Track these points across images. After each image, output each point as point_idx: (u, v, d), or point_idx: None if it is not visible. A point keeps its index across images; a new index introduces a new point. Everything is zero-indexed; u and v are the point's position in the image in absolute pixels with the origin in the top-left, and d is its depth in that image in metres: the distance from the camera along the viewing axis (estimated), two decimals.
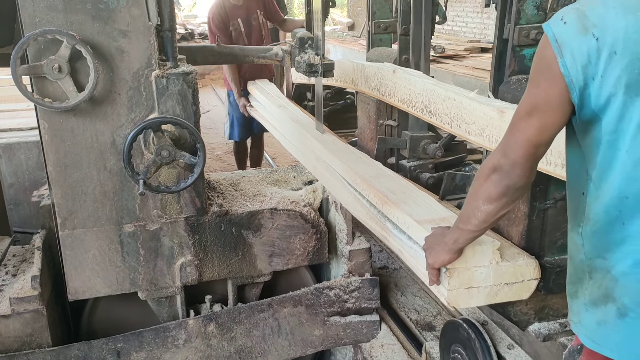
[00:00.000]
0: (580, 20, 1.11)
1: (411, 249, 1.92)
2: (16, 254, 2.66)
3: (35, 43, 2.06)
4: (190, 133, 2.24)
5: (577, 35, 1.10)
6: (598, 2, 1.12)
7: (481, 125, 2.01)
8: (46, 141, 2.20)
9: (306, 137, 2.90)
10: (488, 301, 1.79)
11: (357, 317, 2.70)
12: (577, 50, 1.10)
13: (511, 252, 1.84)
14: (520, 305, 1.99)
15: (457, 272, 1.68)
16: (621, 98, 1.09)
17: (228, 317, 2.56)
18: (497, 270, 1.75)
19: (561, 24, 1.13)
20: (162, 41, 2.28)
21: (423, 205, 2.03)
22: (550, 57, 1.14)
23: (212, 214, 2.49)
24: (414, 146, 2.71)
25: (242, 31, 4.29)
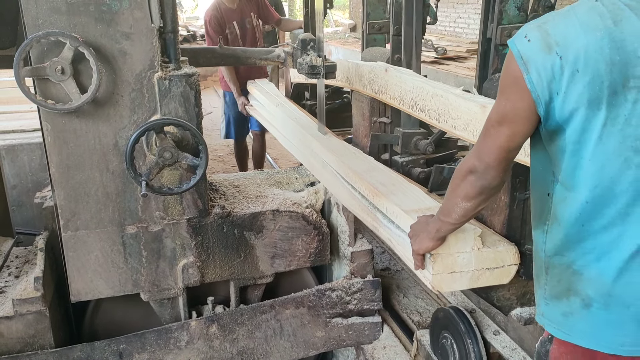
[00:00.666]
0: (543, 38, 1.17)
1: (399, 237, 2.00)
2: (19, 255, 2.67)
3: (38, 45, 2.06)
4: (192, 135, 2.25)
5: (541, 53, 1.17)
6: (560, 21, 1.18)
7: (466, 120, 2.09)
8: (49, 143, 2.20)
9: (303, 134, 2.97)
10: (470, 285, 1.88)
11: (359, 318, 2.70)
12: (542, 67, 1.16)
13: (492, 239, 1.93)
14: (503, 291, 2.05)
15: (441, 258, 1.77)
16: (584, 112, 1.16)
17: (230, 318, 2.56)
18: (479, 256, 1.83)
19: (525, 42, 1.19)
20: (165, 43, 2.28)
21: (411, 196, 2.12)
22: (517, 72, 1.20)
23: (214, 215, 2.49)
24: (406, 142, 2.78)
25: (237, 34, 4.40)
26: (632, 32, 1.13)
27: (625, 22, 1.13)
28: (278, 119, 3.52)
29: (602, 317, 1.27)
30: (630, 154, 1.18)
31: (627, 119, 1.15)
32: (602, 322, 1.27)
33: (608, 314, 1.26)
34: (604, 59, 1.13)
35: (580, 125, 1.18)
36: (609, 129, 1.17)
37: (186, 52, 2.72)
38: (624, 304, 1.25)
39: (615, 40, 1.13)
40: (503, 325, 2.22)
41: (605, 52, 1.13)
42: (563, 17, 1.19)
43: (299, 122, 3.19)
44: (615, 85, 1.14)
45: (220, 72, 4.55)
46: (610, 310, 1.26)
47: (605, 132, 1.17)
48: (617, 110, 1.15)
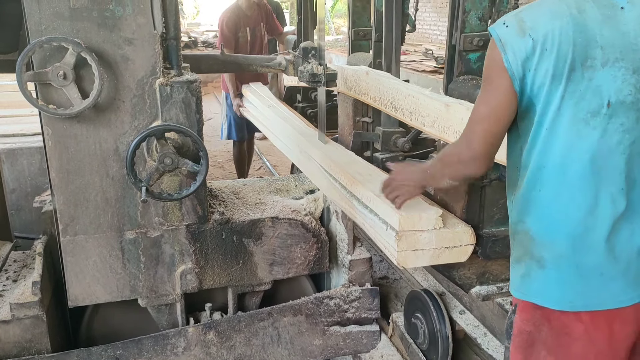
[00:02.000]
0: (519, 24, 1.35)
1: (371, 220, 2.21)
2: (17, 259, 2.66)
3: (41, 50, 2.07)
4: (193, 141, 2.25)
5: (517, 37, 1.34)
6: (533, 10, 1.37)
7: (433, 118, 2.30)
8: (50, 147, 2.21)
9: (292, 132, 3.21)
10: (431, 262, 2.08)
11: (357, 327, 2.70)
12: (517, 48, 1.33)
13: (452, 222, 2.13)
14: (464, 270, 2.27)
15: (405, 236, 1.99)
16: (548, 86, 1.33)
17: (228, 325, 2.56)
18: (439, 235, 2.03)
19: (503, 27, 1.37)
20: (167, 49, 2.29)
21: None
22: (497, 54, 1.36)
23: (213, 221, 2.49)
24: (386, 140, 2.97)
25: (248, 39, 4.64)
26: (593, 19, 1.31)
27: (588, 11, 1.32)
28: (269, 119, 3.74)
29: (554, 277, 1.40)
30: (581, 125, 1.33)
31: (582, 93, 1.32)
32: (554, 281, 1.41)
33: (559, 274, 1.40)
34: (567, 40, 1.30)
35: (545, 98, 1.34)
36: (567, 101, 1.32)
37: (188, 59, 2.73)
38: (573, 265, 1.39)
39: (579, 25, 1.30)
40: (468, 305, 2.41)
41: (569, 35, 1.30)
42: (536, 6, 1.37)
43: (289, 122, 3.40)
44: (575, 63, 1.30)
45: (223, 75, 4.73)
46: (561, 270, 1.40)
47: (563, 105, 1.33)
48: (574, 85, 1.31)
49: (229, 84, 4.56)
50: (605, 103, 1.31)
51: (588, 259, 1.38)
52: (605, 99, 1.31)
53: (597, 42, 1.30)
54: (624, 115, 1.32)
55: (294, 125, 3.32)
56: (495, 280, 2.24)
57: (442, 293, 2.58)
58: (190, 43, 11.06)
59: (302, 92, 4.43)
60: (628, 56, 1.31)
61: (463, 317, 2.42)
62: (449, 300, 2.51)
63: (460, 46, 2.37)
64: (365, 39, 3.81)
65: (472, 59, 2.41)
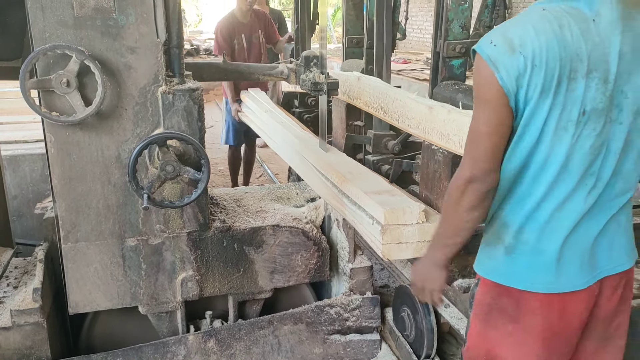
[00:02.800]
0: (507, 42, 1.39)
1: (359, 216, 2.32)
2: (18, 266, 2.66)
3: (44, 58, 2.09)
4: (195, 149, 2.26)
5: (507, 54, 1.39)
6: (518, 27, 1.42)
7: (418, 120, 2.46)
8: (52, 154, 2.22)
9: (287, 135, 3.36)
10: (415, 254, 2.17)
11: (357, 335, 2.69)
12: (509, 66, 1.38)
13: (434, 217, 2.23)
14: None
15: (390, 230, 2.10)
16: (536, 100, 1.40)
17: (228, 333, 2.55)
18: (422, 230, 2.14)
19: (492, 47, 1.41)
20: (170, 57, 2.31)
21: (372, 182, 2.47)
22: (490, 74, 1.41)
23: (214, 229, 2.49)
24: (377, 143, 3.13)
25: (244, 47, 4.78)
26: (572, 34, 1.38)
27: (567, 26, 1.39)
28: (266, 124, 3.90)
29: (519, 261, 1.54)
30: (562, 132, 1.43)
31: (565, 104, 1.41)
32: (518, 265, 1.54)
33: (523, 259, 1.53)
34: (554, 56, 1.37)
35: (531, 109, 1.42)
36: (553, 112, 1.41)
37: (190, 67, 2.74)
38: (536, 252, 1.52)
39: (562, 41, 1.38)
40: (453, 299, 2.53)
41: (555, 51, 1.37)
42: (520, 24, 1.42)
43: (284, 125, 3.56)
44: (561, 77, 1.38)
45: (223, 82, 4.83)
46: (525, 256, 1.53)
47: (550, 115, 1.42)
48: (560, 97, 1.40)
49: (227, 89, 4.70)
50: (582, 111, 1.42)
51: (550, 247, 1.51)
52: (582, 108, 1.41)
53: (578, 55, 1.39)
54: (596, 121, 1.43)
55: (289, 129, 3.45)
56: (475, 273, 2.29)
57: None
58: (193, 51, 11.09)
59: (299, 98, 4.59)
60: (600, 67, 1.40)
61: (448, 310, 2.53)
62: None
63: (443, 53, 2.52)
64: (358, 46, 3.95)
65: (455, 65, 2.58)
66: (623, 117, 1.46)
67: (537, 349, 1.57)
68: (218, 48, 4.77)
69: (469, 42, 2.51)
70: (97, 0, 2.11)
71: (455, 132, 2.23)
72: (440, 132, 2.31)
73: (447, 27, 2.49)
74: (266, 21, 4.94)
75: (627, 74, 1.43)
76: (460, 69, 2.61)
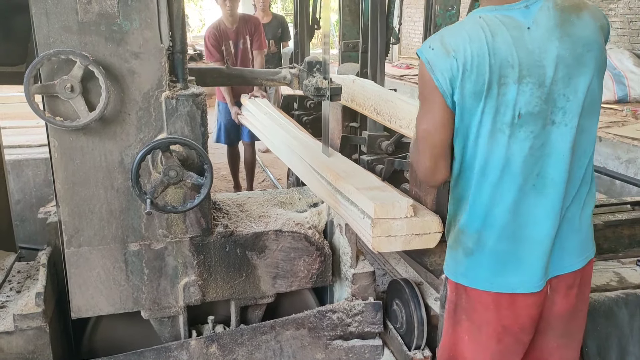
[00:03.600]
0: (443, 47, 1.50)
1: (352, 211, 2.41)
2: (21, 270, 2.67)
3: (48, 63, 2.10)
4: (198, 154, 2.27)
5: (442, 58, 1.49)
6: (454, 33, 1.52)
7: (408, 120, 2.60)
8: (56, 159, 2.22)
9: (285, 136, 3.48)
10: (403, 247, 2.29)
11: (359, 341, 2.69)
12: (444, 68, 1.49)
13: (422, 212, 2.35)
14: (434, 257, 2.59)
15: (379, 223, 2.20)
16: (470, 103, 1.50)
17: (230, 338, 2.55)
18: (410, 223, 2.24)
19: (430, 50, 1.53)
20: (173, 63, 2.31)
21: (365, 180, 2.57)
22: (428, 76, 1.53)
23: (217, 234, 2.49)
24: (372, 143, 3.27)
25: (232, 52, 5.02)
26: (504, 42, 1.47)
27: (500, 35, 1.47)
28: (265, 126, 4.04)
29: (478, 262, 1.63)
30: (498, 135, 1.51)
31: (497, 108, 1.49)
32: (477, 266, 1.64)
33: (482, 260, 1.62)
34: (484, 62, 1.46)
35: (468, 113, 1.52)
36: (486, 116, 1.50)
37: (193, 72, 2.75)
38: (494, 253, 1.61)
39: (493, 48, 1.46)
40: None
41: (485, 57, 1.46)
42: (456, 30, 1.53)
43: (283, 127, 3.69)
44: (491, 82, 1.47)
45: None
46: (484, 256, 1.62)
47: (483, 118, 1.51)
48: (491, 101, 1.49)
49: (225, 93, 4.97)
50: (517, 114, 1.49)
51: (504, 249, 1.60)
52: (516, 111, 1.49)
53: (509, 62, 1.47)
54: (533, 124, 1.50)
55: (288, 131, 3.57)
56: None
57: (419, 283, 2.80)
58: (196, 56, 11.13)
59: (299, 101, 4.75)
60: (534, 72, 1.47)
61: (437, 304, 2.59)
62: (425, 289, 2.74)
63: None
64: (354, 50, 4.12)
65: None
66: (567, 119, 1.52)
67: (491, 346, 1.69)
68: (209, 54, 4.99)
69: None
70: (101, 6, 2.12)
71: None
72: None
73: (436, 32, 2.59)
74: (253, 27, 5.08)
75: (567, 78, 1.50)
76: None
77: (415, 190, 2.60)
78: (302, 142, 3.28)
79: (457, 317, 1.74)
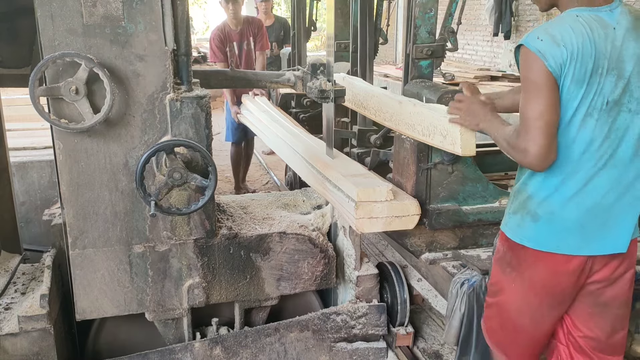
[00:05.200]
0: (552, 38, 1.68)
1: (338, 196, 2.59)
2: (26, 272, 2.67)
3: (54, 65, 2.10)
4: (202, 156, 2.27)
5: (553, 47, 1.66)
6: (559, 27, 1.69)
7: (391, 113, 2.85)
8: (60, 161, 2.23)
9: (280, 131, 3.70)
10: (384, 228, 2.47)
11: (363, 343, 2.69)
12: (555, 55, 1.66)
13: (401, 196, 2.58)
14: (414, 239, 2.78)
15: (362, 206, 2.40)
16: (572, 88, 1.68)
17: (234, 340, 2.55)
18: (390, 206, 2.44)
19: (539, 41, 1.69)
20: (178, 65, 2.32)
21: (351, 168, 2.74)
22: (539, 62, 1.67)
23: (221, 236, 2.50)
24: (361, 137, 3.55)
25: (236, 53, 5.15)
26: (599, 37, 1.68)
27: (595, 30, 1.68)
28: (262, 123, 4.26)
29: (544, 228, 1.81)
30: (587, 118, 1.70)
31: (593, 94, 1.69)
32: (544, 230, 1.81)
33: (548, 227, 1.80)
34: (587, 53, 1.66)
35: (565, 97, 1.69)
36: (583, 101, 1.69)
37: (198, 74, 2.76)
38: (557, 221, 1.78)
39: (592, 41, 1.67)
40: (424, 274, 2.91)
41: (588, 48, 1.66)
42: (560, 25, 1.70)
43: (279, 123, 3.91)
44: (593, 71, 1.67)
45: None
46: (550, 224, 1.79)
47: (581, 103, 1.69)
48: (590, 88, 1.68)
49: (226, 93, 5.15)
50: (605, 102, 1.70)
51: (570, 217, 1.77)
52: (605, 99, 1.70)
53: (604, 54, 1.68)
54: (613, 110, 1.71)
55: (283, 126, 3.78)
56: (442, 248, 2.79)
57: (404, 266, 3.05)
58: (200, 58, 11.14)
59: (296, 99, 4.99)
60: (618, 65, 1.69)
61: (419, 284, 2.90)
62: (409, 272, 3.00)
63: (413, 55, 2.85)
64: (345, 50, 4.38)
65: (423, 65, 2.90)
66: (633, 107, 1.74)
67: (531, 297, 1.89)
68: (213, 55, 5.14)
69: (435, 45, 2.85)
70: (106, 9, 2.13)
71: (419, 122, 2.55)
72: (407, 123, 2.66)
73: (416, 32, 2.80)
74: (256, 29, 5.23)
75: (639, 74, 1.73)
76: (428, 69, 2.91)
77: (398, 177, 2.84)
78: (297, 137, 3.45)
79: (503, 267, 1.95)
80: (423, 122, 2.51)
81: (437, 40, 2.86)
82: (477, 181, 2.72)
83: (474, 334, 2.38)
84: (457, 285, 2.44)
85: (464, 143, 2.26)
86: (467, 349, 2.42)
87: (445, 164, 2.64)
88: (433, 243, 2.77)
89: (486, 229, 2.79)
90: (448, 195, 2.69)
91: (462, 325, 2.42)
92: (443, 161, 2.63)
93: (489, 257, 2.54)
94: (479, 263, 2.54)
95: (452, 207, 2.68)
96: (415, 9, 2.77)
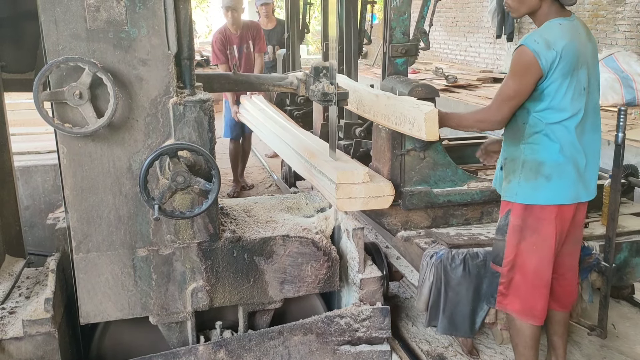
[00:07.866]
0: (545, 42, 2.21)
1: (323, 180, 2.88)
2: (30, 276, 2.68)
3: (57, 70, 2.11)
4: (205, 160, 2.27)
5: (545, 49, 2.20)
6: (550, 32, 2.23)
7: (369, 106, 3.16)
8: (64, 165, 2.24)
9: (274, 126, 4.06)
10: (362, 207, 2.77)
11: (367, 346, 2.68)
12: (547, 56, 2.20)
13: (377, 178, 2.89)
14: (390, 218, 3.05)
15: (342, 187, 2.68)
16: (561, 79, 2.24)
17: (238, 344, 2.55)
18: (366, 187, 2.73)
19: (536, 44, 2.21)
20: (181, 69, 2.33)
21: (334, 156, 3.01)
22: (533, 59, 2.21)
23: (224, 239, 2.50)
24: (347, 130, 3.82)
25: (236, 56, 5.41)
26: (579, 42, 2.26)
27: (576, 36, 2.26)
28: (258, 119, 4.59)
29: (556, 185, 2.31)
30: (576, 98, 2.27)
31: (575, 83, 2.25)
32: (556, 188, 2.31)
33: (560, 181, 2.31)
34: (572, 53, 2.22)
35: (556, 86, 2.24)
36: (570, 87, 2.24)
37: (201, 78, 2.77)
38: (569, 174, 2.31)
39: (574, 45, 2.23)
40: (402, 252, 3.16)
41: (572, 50, 2.22)
42: (550, 30, 2.24)
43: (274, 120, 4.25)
44: (574, 66, 2.23)
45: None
46: (561, 179, 2.30)
47: (568, 89, 2.25)
48: (573, 78, 2.24)
49: (228, 93, 5.37)
50: (582, 88, 2.27)
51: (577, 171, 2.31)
52: (582, 85, 2.27)
53: (582, 54, 2.26)
54: (590, 92, 2.31)
55: (277, 122, 4.14)
56: (415, 227, 3.06)
57: (387, 247, 3.34)
58: (203, 62, 11.17)
59: (290, 97, 5.31)
60: (586, 61, 2.28)
61: (398, 261, 3.17)
62: (389, 251, 3.28)
63: (389, 53, 3.10)
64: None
65: (398, 63, 3.15)
66: (596, 91, 2.37)
67: (549, 253, 2.37)
68: (215, 58, 5.39)
69: (409, 45, 3.11)
70: (109, 14, 2.14)
71: (392, 112, 2.83)
72: (383, 114, 2.95)
73: (391, 33, 3.05)
74: (255, 32, 5.48)
75: (593, 67, 2.34)
76: (403, 66, 3.15)
77: (376, 164, 3.12)
78: (288, 131, 3.83)
79: (522, 235, 2.36)
80: (395, 112, 2.80)
81: (410, 40, 3.13)
82: (447, 166, 3.01)
83: (442, 300, 2.67)
84: (427, 258, 2.71)
85: (427, 130, 2.57)
86: (436, 314, 2.70)
87: (417, 150, 2.91)
88: (408, 222, 3.05)
89: (456, 209, 3.07)
90: (420, 179, 2.97)
91: (430, 293, 2.68)
92: (415, 148, 2.90)
93: (457, 234, 2.87)
94: (447, 239, 2.80)
95: (424, 190, 2.97)
96: (391, 12, 3.02)
